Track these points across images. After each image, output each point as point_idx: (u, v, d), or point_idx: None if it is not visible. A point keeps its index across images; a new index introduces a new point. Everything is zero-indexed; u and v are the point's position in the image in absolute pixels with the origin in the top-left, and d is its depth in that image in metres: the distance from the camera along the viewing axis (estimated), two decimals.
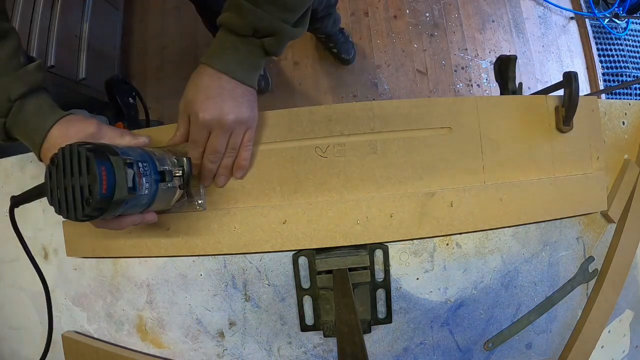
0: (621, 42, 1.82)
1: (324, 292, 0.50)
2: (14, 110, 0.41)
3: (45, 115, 0.42)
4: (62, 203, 0.34)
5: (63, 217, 0.35)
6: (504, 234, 0.53)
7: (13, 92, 0.41)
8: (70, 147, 0.34)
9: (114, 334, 0.55)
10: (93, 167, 0.33)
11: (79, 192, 0.33)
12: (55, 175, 0.35)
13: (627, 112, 0.58)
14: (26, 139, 0.43)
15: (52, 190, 0.35)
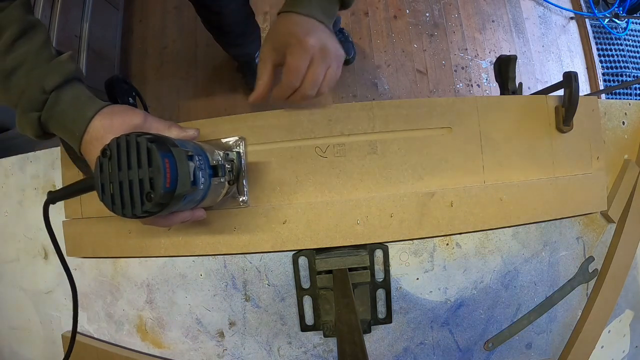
0: (621, 42, 1.82)
1: (324, 292, 0.50)
2: (49, 103, 0.39)
3: (85, 106, 0.40)
4: (116, 198, 0.32)
5: (117, 214, 0.32)
6: (504, 234, 0.53)
7: (48, 83, 0.38)
8: (128, 138, 0.32)
9: (114, 334, 0.55)
10: (156, 159, 0.31)
11: (138, 187, 0.31)
12: (108, 168, 0.32)
13: (627, 112, 0.58)
14: (64, 132, 0.40)
15: (103, 184, 0.32)
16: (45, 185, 0.56)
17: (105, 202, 0.32)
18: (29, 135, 0.41)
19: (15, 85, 0.39)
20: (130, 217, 0.32)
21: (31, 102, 0.39)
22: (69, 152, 0.49)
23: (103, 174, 0.32)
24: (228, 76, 1.49)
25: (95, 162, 0.34)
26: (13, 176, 0.58)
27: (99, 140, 0.38)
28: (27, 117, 0.39)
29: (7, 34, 0.38)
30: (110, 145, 0.32)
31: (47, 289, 0.57)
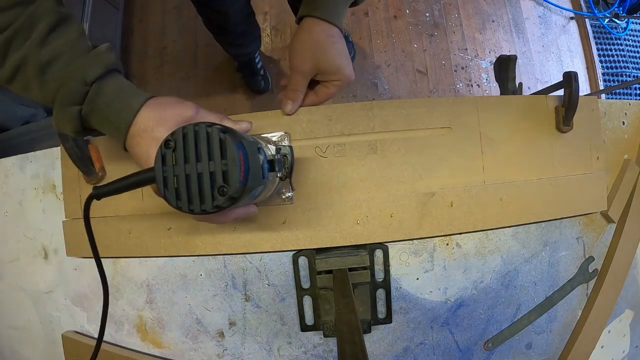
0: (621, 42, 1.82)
1: (324, 292, 0.50)
2: (91, 95, 0.37)
3: (129, 97, 0.38)
4: (182, 193, 0.30)
5: (182, 210, 0.30)
6: (504, 234, 0.53)
7: (89, 74, 0.36)
8: (196, 128, 0.30)
9: (114, 334, 0.55)
10: (231, 151, 0.29)
11: (209, 180, 0.29)
12: (172, 161, 0.30)
13: (627, 112, 0.58)
14: (107, 125, 0.38)
15: (166, 178, 0.30)
16: (45, 185, 0.56)
17: (168, 197, 0.30)
18: (68, 131, 0.39)
19: (53, 79, 0.36)
20: (198, 213, 0.30)
21: (71, 94, 0.36)
22: (69, 153, 0.49)
23: (166, 166, 0.30)
24: (228, 76, 1.49)
25: (142, 155, 0.33)
26: (13, 176, 0.58)
27: (148, 132, 0.36)
28: (66, 112, 0.37)
29: (41, 25, 0.36)
30: (175, 135, 0.30)
31: (47, 289, 0.57)
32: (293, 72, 0.49)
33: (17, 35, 0.35)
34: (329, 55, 0.47)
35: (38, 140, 1.12)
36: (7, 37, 0.35)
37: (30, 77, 0.36)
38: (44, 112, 1.29)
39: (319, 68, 0.48)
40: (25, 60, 0.36)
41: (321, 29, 0.47)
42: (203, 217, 0.34)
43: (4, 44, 0.35)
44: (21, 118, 1.24)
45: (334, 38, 0.48)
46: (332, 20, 0.47)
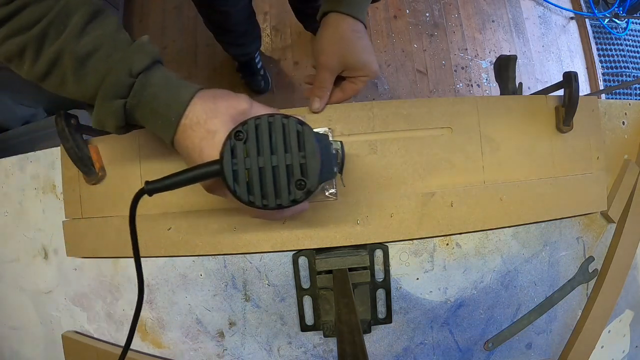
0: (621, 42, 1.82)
1: (324, 292, 0.50)
2: (136, 87, 0.35)
3: (179, 88, 0.36)
4: (254, 186, 0.28)
5: (254, 205, 0.29)
6: (504, 234, 0.53)
7: (135, 65, 0.34)
8: (271, 119, 0.28)
9: (114, 334, 0.55)
10: (310, 143, 0.28)
11: (285, 173, 0.28)
12: (244, 153, 0.28)
13: (627, 112, 0.58)
14: (155, 119, 0.36)
15: (236, 170, 0.28)
16: (45, 185, 0.56)
17: (238, 192, 0.29)
18: (110, 127, 0.37)
19: (93, 72, 0.34)
20: (272, 207, 0.29)
21: (115, 87, 0.34)
22: (69, 153, 0.49)
23: (237, 159, 0.28)
24: (228, 76, 1.49)
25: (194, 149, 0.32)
26: (13, 176, 0.58)
27: (202, 125, 0.35)
28: (110, 106, 0.35)
29: (77, 17, 0.34)
30: (247, 126, 0.28)
31: (47, 289, 0.57)
32: (320, 69, 0.48)
33: (52, 27, 0.33)
34: (356, 51, 0.47)
35: (38, 140, 1.12)
36: (42, 28, 0.33)
37: (67, 71, 0.34)
38: (44, 112, 1.29)
39: (346, 64, 0.48)
40: (62, 53, 0.34)
41: (347, 24, 0.47)
42: (260, 213, 0.33)
43: (38, 36, 0.33)
44: (21, 118, 1.24)
45: (359, 34, 0.47)
46: (357, 16, 0.47)
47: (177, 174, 0.32)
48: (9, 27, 0.33)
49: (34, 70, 0.35)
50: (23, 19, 0.33)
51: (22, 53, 0.34)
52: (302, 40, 1.55)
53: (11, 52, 0.34)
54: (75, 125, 0.50)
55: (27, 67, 0.35)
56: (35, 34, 0.33)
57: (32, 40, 0.33)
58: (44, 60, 0.34)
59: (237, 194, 0.29)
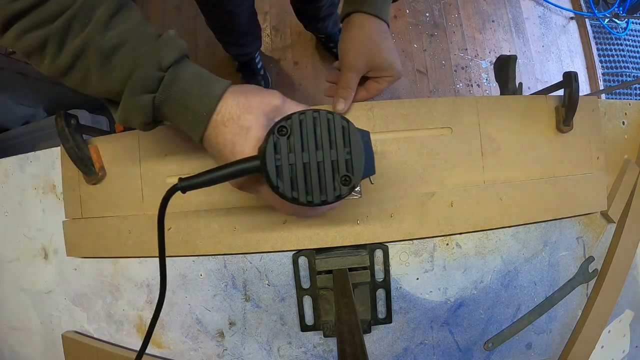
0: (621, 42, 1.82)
1: (324, 292, 0.50)
2: (166, 81, 0.34)
3: (210, 82, 0.35)
4: (297, 182, 0.28)
5: (298, 202, 0.28)
6: (504, 234, 0.53)
7: (164, 58, 0.33)
8: (315, 114, 0.28)
9: (114, 334, 0.55)
10: (356, 139, 0.28)
11: (331, 168, 0.28)
12: (287, 149, 0.28)
13: (627, 112, 0.58)
14: (184, 114, 0.35)
15: (279, 166, 0.28)
16: (45, 185, 0.56)
17: (282, 188, 0.28)
18: (136, 123, 0.36)
19: (119, 66, 0.33)
20: (317, 204, 0.28)
21: (144, 81, 0.33)
22: (69, 153, 0.49)
23: (281, 155, 0.28)
24: (228, 76, 1.47)
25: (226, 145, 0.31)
26: (13, 176, 0.58)
27: (235, 120, 0.34)
28: (138, 101, 0.34)
29: (102, 9, 0.32)
30: (291, 122, 0.28)
31: (47, 289, 0.57)
32: (345, 70, 0.48)
33: (76, 20, 0.32)
34: (382, 51, 0.47)
35: (38, 140, 1.12)
36: (65, 21, 0.31)
37: (92, 65, 0.33)
38: (44, 112, 1.29)
39: (372, 65, 0.48)
40: (86, 47, 0.32)
41: (372, 25, 0.47)
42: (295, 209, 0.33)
43: (61, 29, 0.32)
44: (21, 118, 1.24)
45: (385, 34, 0.48)
46: (382, 16, 0.47)
47: (213, 170, 0.31)
48: (30, 19, 0.31)
49: (56, 64, 0.33)
50: (45, 11, 0.31)
51: (43, 47, 0.32)
52: (302, 40, 1.55)
53: (32, 45, 0.32)
54: (75, 125, 0.50)
55: (49, 62, 0.33)
56: (58, 26, 0.31)
57: (54, 33, 0.32)
58: (67, 54, 0.33)
59: (279, 191, 0.28)
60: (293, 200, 0.29)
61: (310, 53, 1.54)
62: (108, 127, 1.26)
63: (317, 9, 1.22)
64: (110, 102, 0.37)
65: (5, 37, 0.33)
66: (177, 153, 0.51)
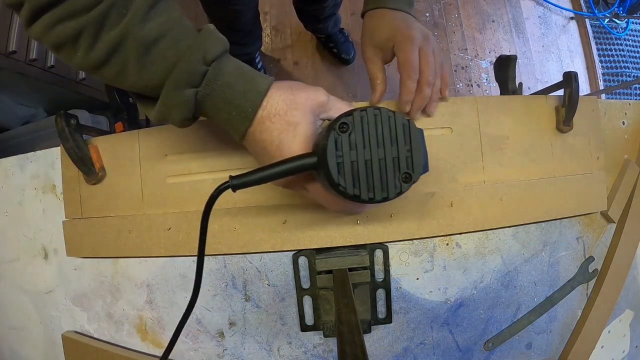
0: (621, 42, 1.82)
1: (324, 292, 0.50)
2: (210, 75, 0.33)
3: (254, 77, 0.34)
4: (359, 179, 0.28)
5: (359, 200, 0.28)
6: (504, 234, 0.53)
7: (209, 52, 0.32)
8: (376, 111, 0.28)
9: (114, 334, 0.55)
10: (416, 137, 0.28)
11: (392, 166, 0.28)
12: (348, 145, 0.28)
13: (627, 112, 0.58)
14: (227, 109, 0.34)
15: (340, 163, 0.28)
16: (45, 185, 0.56)
17: (343, 185, 0.28)
18: (175, 118, 0.34)
19: (160, 59, 0.32)
20: (379, 200, 0.28)
21: (188, 75, 0.32)
22: (69, 153, 0.49)
23: (342, 151, 0.28)
24: None
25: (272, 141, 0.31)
26: (13, 176, 0.58)
27: (281, 116, 0.33)
28: (181, 95, 0.32)
29: (140, 0, 0.31)
30: (352, 118, 0.28)
31: (47, 289, 0.57)
32: (366, 63, 0.49)
33: (113, 10, 0.30)
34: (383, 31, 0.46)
35: (38, 140, 1.12)
36: (102, 11, 0.30)
37: (130, 57, 0.32)
38: (44, 112, 1.29)
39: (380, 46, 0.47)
40: (124, 38, 0.31)
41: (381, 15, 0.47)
42: (343, 206, 0.33)
43: (97, 19, 0.30)
44: (21, 118, 1.24)
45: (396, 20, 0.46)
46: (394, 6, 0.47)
47: (265, 168, 0.31)
48: (63, 9, 0.30)
49: (90, 56, 0.32)
50: (79, 0, 0.30)
51: (77, 38, 0.31)
52: (302, 40, 1.55)
53: (64, 36, 0.31)
54: (75, 125, 0.50)
55: (82, 54, 0.31)
56: (94, 17, 0.30)
57: (90, 23, 0.30)
58: (103, 46, 0.31)
59: (341, 187, 0.28)
60: (354, 198, 0.28)
61: (310, 53, 1.54)
62: (108, 127, 1.26)
63: (320, 9, 1.22)
64: (142, 99, 0.36)
65: (32, 28, 0.31)
66: (177, 153, 0.51)
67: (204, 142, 0.51)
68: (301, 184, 0.36)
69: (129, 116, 0.60)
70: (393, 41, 0.46)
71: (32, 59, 1.06)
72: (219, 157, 0.50)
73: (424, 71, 0.45)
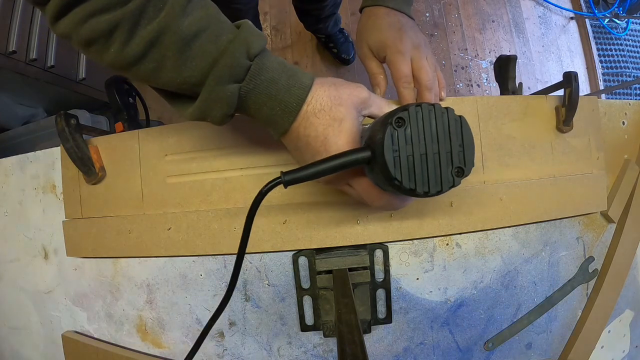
0: (621, 42, 1.82)
1: (324, 292, 0.50)
2: (253, 70, 0.32)
3: (297, 73, 0.34)
4: (415, 172, 0.29)
5: (414, 194, 0.29)
6: (504, 234, 0.53)
7: (252, 46, 0.31)
8: (430, 107, 0.29)
9: (114, 334, 0.55)
10: (468, 132, 0.29)
11: (446, 160, 0.29)
12: (404, 140, 0.28)
13: (627, 112, 0.58)
14: (270, 105, 0.33)
15: (397, 157, 0.28)
16: (45, 185, 0.56)
17: (400, 179, 0.29)
18: (216, 115, 0.33)
19: (201, 53, 0.31)
20: (433, 194, 0.29)
21: (232, 70, 0.31)
22: (69, 153, 0.49)
23: (399, 145, 0.28)
24: None
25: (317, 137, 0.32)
26: (13, 176, 0.58)
27: (326, 112, 0.33)
28: (224, 90, 0.32)
29: None
30: (409, 113, 0.29)
31: (47, 289, 0.57)
32: (362, 60, 0.50)
33: (150, 3, 0.29)
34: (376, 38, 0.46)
35: (38, 140, 1.13)
36: (139, 5, 0.29)
37: (168, 53, 0.31)
38: (44, 112, 1.29)
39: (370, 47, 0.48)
40: (163, 32, 0.30)
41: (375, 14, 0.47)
42: (386, 202, 0.34)
43: (134, 12, 0.29)
44: (21, 118, 1.24)
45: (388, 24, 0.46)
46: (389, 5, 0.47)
47: (319, 163, 0.31)
48: (97, 2, 0.29)
49: (125, 52, 0.30)
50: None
51: (111, 32, 0.30)
52: (302, 40, 1.55)
53: (98, 31, 0.29)
54: (75, 125, 0.50)
55: (116, 50, 0.30)
56: (131, 9, 0.29)
57: (126, 17, 0.29)
58: (139, 41, 0.30)
59: (396, 181, 0.29)
60: (409, 191, 0.29)
61: (310, 53, 1.54)
62: (108, 127, 1.26)
63: (320, 9, 1.22)
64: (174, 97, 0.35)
65: (60, 23, 0.30)
66: (177, 153, 0.51)
67: (204, 142, 0.51)
68: (345, 180, 0.36)
69: (129, 116, 0.60)
70: (384, 52, 0.46)
71: (32, 59, 1.06)
72: (219, 157, 0.50)
73: (422, 78, 0.45)
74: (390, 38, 0.45)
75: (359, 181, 0.35)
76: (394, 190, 0.30)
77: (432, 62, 0.47)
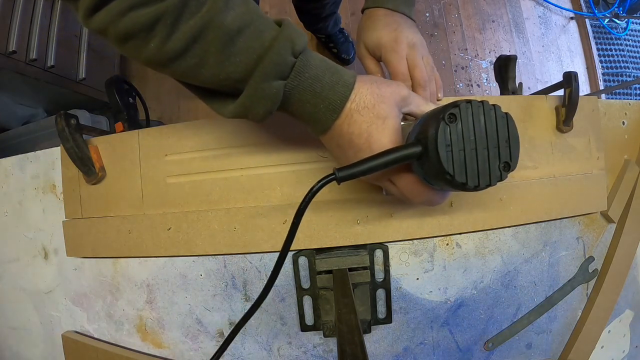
0: (621, 42, 1.82)
1: (324, 292, 0.50)
2: (298, 67, 0.32)
3: (338, 70, 0.34)
4: (465, 167, 0.29)
5: (465, 188, 0.30)
6: (504, 234, 0.53)
7: (297, 44, 0.31)
8: (481, 104, 0.30)
9: (114, 334, 0.55)
10: (514, 128, 0.30)
11: (494, 155, 0.30)
12: (456, 135, 0.29)
13: (627, 112, 0.58)
14: (314, 102, 0.33)
15: (449, 152, 0.29)
16: (45, 185, 0.56)
17: (452, 173, 0.29)
18: (258, 112, 0.33)
19: (245, 49, 0.30)
20: (482, 188, 0.30)
21: (278, 66, 0.31)
22: (69, 153, 0.49)
23: (449, 141, 0.29)
24: None
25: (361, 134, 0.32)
26: (13, 176, 0.58)
27: (370, 109, 0.33)
28: (269, 87, 0.31)
29: None
30: (460, 110, 0.29)
31: (47, 289, 0.57)
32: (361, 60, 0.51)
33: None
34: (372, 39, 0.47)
35: (38, 140, 1.13)
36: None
37: (211, 48, 0.30)
38: (44, 112, 1.29)
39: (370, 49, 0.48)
40: (206, 27, 0.29)
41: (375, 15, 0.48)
42: (426, 198, 0.35)
43: (178, 5, 0.28)
44: (21, 118, 1.24)
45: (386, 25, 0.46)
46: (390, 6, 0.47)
47: (371, 159, 0.32)
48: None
49: (167, 47, 0.30)
50: None
51: (153, 26, 0.29)
52: None
53: (138, 24, 0.29)
54: (75, 125, 0.50)
55: (156, 45, 0.30)
56: (174, 3, 0.28)
57: (169, 10, 0.28)
58: (181, 36, 0.29)
59: (448, 176, 0.29)
60: (460, 186, 0.30)
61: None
62: (108, 127, 1.26)
63: (320, 7, 1.22)
64: (213, 95, 0.35)
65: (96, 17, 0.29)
66: (177, 153, 0.51)
67: (204, 142, 0.51)
68: (388, 176, 0.37)
69: (129, 116, 0.60)
70: (380, 52, 0.47)
71: (32, 59, 1.06)
72: (219, 157, 0.50)
73: (416, 76, 0.46)
74: (385, 37, 0.46)
75: (403, 177, 0.36)
76: (443, 184, 0.31)
77: (428, 61, 0.47)
